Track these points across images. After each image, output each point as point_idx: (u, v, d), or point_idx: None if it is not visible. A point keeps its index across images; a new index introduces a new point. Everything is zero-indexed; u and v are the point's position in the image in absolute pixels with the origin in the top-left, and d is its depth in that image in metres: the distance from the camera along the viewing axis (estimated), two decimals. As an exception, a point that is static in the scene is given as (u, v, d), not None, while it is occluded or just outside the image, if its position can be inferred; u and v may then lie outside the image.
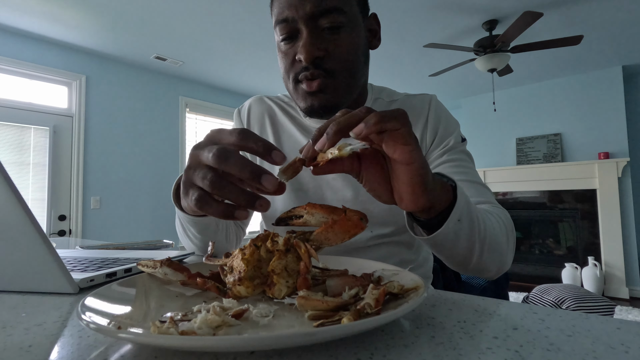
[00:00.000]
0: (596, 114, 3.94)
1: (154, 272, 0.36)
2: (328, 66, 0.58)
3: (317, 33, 0.58)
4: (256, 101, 0.78)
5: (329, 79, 0.59)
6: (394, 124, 0.33)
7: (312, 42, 0.57)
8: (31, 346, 0.26)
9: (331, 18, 0.57)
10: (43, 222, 2.97)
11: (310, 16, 0.57)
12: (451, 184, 0.44)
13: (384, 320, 0.23)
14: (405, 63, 3.57)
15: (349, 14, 0.59)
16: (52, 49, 3.04)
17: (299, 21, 0.57)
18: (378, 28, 0.68)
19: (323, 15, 0.57)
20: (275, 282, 0.32)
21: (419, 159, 0.35)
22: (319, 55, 0.57)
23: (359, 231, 0.34)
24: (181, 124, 3.95)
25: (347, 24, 0.59)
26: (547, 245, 4.31)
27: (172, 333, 0.23)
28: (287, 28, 0.59)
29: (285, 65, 0.62)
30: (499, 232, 0.51)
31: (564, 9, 2.60)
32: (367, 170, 0.39)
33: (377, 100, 0.72)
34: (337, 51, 0.58)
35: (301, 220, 0.38)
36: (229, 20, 2.69)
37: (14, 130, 2.85)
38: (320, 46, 0.57)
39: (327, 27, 0.57)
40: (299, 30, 0.58)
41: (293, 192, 0.69)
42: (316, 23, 0.57)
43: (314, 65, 0.58)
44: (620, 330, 0.26)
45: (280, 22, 0.59)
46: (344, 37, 0.59)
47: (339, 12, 0.57)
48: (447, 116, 0.70)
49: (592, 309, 2.28)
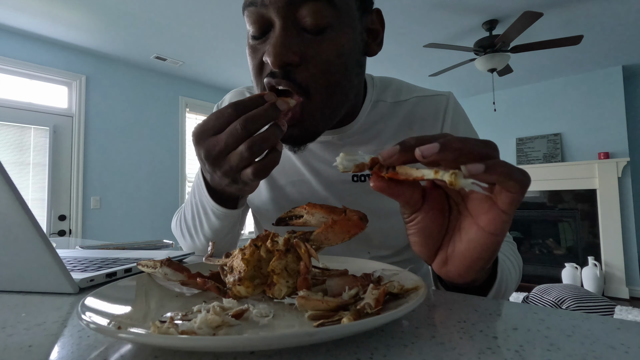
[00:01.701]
0: (596, 114, 3.94)
1: (154, 272, 0.36)
2: (302, 79, 0.44)
3: (295, 29, 0.43)
4: (236, 97, 0.68)
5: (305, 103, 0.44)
6: (516, 186, 0.26)
7: (285, 42, 0.42)
8: (31, 346, 0.26)
9: (315, 10, 0.42)
10: (43, 222, 2.97)
11: (287, 2, 0.42)
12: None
13: (384, 320, 0.23)
14: (405, 63, 3.57)
15: (341, 8, 0.44)
16: (52, 49, 3.04)
17: (270, 7, 0.43)
18: (381, 28, 0.53)
19: (304, 4, 0.42)
20: (275, 282, 0.32)
21: (505, 234, 0.30)
22: (291, 61, 0.42)
23: (358, 231, 0.34)
24: (181, 124, 3.95)
25: (336, 22, 0.44)
26: (547, 245, 4.31)
27: (172, 333, 0.23)
28: (255, 15, 0.44)
29: (253, 67, 0.47)
30: (515, 282, 0.47)
31: (564, 9, 2.60)
32: (427, 214, 0.32)
33: (378, 103, 0.59)
34: (317, 59, 0.44)
35: (301, 220, 0.38)
36: (229, 20, 2.69)
37: (14, 130, 2.85)
38: (295, 48, 0.43)
39: (309, 24, 0.43)
40: (271, 23, 0.44)
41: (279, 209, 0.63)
42: (294, 15, 0.43)
43: (283, 73, 0.43)
44: (620, 330, 0.26)
45: (247, 4, 0.45)
46: (329, 41, 0.44)
47: (327, 3, 0.43)
48: (465, 128, 0.59)
49: (592, 309, 2.27)
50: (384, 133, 0.59)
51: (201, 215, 0.57)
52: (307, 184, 0.62)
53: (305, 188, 0.62)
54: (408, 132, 0.59)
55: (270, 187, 0.64)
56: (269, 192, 0.64)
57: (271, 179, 0.64)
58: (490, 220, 0.29)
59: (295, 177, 0.62)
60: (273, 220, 0.64)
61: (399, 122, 0.59)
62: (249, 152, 0.37)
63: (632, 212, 3.72)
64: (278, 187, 0.64)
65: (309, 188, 0.61)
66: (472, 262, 0.31)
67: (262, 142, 0.37)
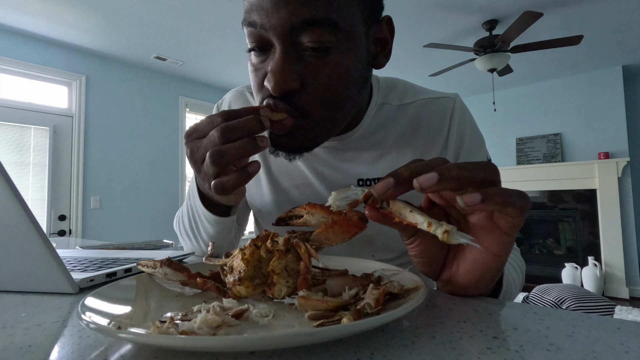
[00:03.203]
0: (596, 114, 3.94)
1: (154, 272, 0.36)
2: (301, 104, 0.42)
3: (296, 54, 0.41)
4: (236, 97, 0.66)
5: (300, 120, 0.43)
6: (516, 212, 0.27)
7: (285, 69, 0.41)
8: (31, 346, 0.26)
9: (316, 35, 0.40)
10: (43, 222, 2.97)
11: (288, 29, 0.40)
12: None
13: (384, 320, 0.23)
14: (405, 63, 3.57)
15: (344, 26, 0.41)
16: (52, 49, 3.04)
17: (270, 32, 0.41)
18: (390, 37, 0.49)
19: (306, 30, 0.40)
20: (275, 282, 0.32)
21: (508, 254, 0.30)
22: (291, 88, 0.41)
23: (358, 231, 0.34)
24: (181, 124, 3.95)
25: (339, 43, 0.42)
26: (547, 245, 4.31)
27: (172, 333, 0.23)
28: (255, 36, 0.43)
29: (255, 83, 0.46)
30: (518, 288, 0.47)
31: (564, 9, 2.60)
32: (427, 236, 0.32)
33: (383, 106, 0.58)
34: (318, 83, 0.42)
35: (301, 220, 0.38)
36: (229, 20, 2.69)
37: (14, 130, 2.85)
38: (295, 75, 0.41)
39: (310, 46, 0.41)
40: (271, 43, 0.42)
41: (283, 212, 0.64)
42: (296, 39, 0.41)
43: (283, 98, 0.42)
44: (620, 330, 0.26)
45: (248, 24, 0.43)
46: (332, 63, 0.42)
47: (330, 25, 0.40)
48: (471, 133, 0.58)
49: (592, 309, 2.27)
50: (389, 138, 0.57)
51: (196, 219, 0.57)
52: (312, 187, 0.61)
53: (309, 192, 0.61)
54: (413, 137, 0.57)
55: (274, 190, 0.63)
56: (272, 195, 0.63)
57: (275, 181, 0.63)
58: (492, 242, 0.29)
59: (299, 181, 0.61)
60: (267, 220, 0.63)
61: (404, 126, 0.58)
62: (210, 162, 0.36)
63: (632, 212, 3.72)
64: (282, 190, 0.63)
65: (313, 192, 0.61)
66: (477, 281, 0.32)
67: (221, 155, 0.36)
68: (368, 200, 0.30)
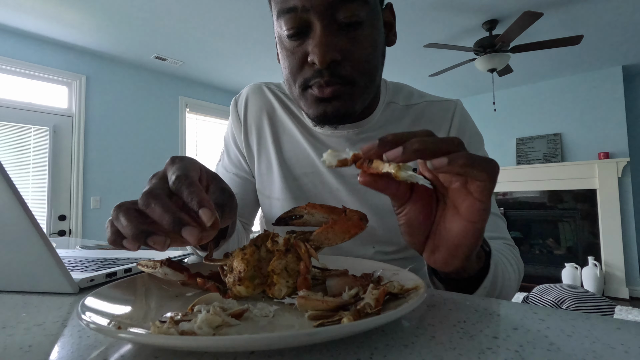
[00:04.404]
0: (596, 114, 3.94)
1: (154, 272, 0.36)
2: (345, 72, 0.49)
3: (334, 29, 0.47)
4: (254, 92, 0.69)
5: (346, 86, 0.50)
6: (482, 175, 0.28)
7: (329, 42, 0.46)
8: (31, 346, 0.26)
9: (352, 9, 0.46)
10: (43, 222, 2.97)
11: (327, 6, 0.46)
12: (485, 249, 0.40)
13: (384, 320, 0.23)
14: (405, 63, 3.57)
15: (371, 4, 0.49)
16: (52, 49, 3.04)
17: (311, 12, 0.46)
18: (394, 20, 0.58)
19: (342, 6, 0.46)
20: (275, 282, 0.32)
21: (484, 222, 0.31)
22: (336, 58, 0.47)
23: (358, 231, 0.34)
24: (181, 123, 3.95)
25: (368, 18, 0.48)
26: (547, 245, 4.31)
27: (172, 333, 0.23)
28: (295, 20, 0.47)
29: (292, 66, 0.51)
30: (514, 282, 0.48)
31: (564, 9, 2.60)
32: (414, 206, 0.34)
33: (390, 104, 0.63)
34: (356, 54, 0.49)
35: (301, 220, 0.38)
36: (229, 20, 2.69)
37: (14, 130, 2.85)
38: (337, 46, 0.47)
39: (345, 22, 0.47)
40: (309, 24, 0.47)
41: (293, 200, 0.64)
42: (333, 16, 0.46)
43: (329, 70, 0.48)
44: (620, 330, 0.26)
45: (286, 11, 0.48)
46: (364, 35, 0.49)
47: (361, 1, 0.47)
48: (471, 133, 0.62)
49: (592, 309, 2.28)
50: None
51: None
52: (321, 176, 0.63)
53: (318, 180, 0.63)
54: None
55: (284, 177, 0.65)
56: (283, 181, 0.65)
57: (287, 169, 0.65)
58: (467, 208, 0.31)
59: (309, 169, 0.64)
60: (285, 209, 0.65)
61: (409, 123, 0.63)
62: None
63: (632, 212, 3.72)
64: (292, 177, 0.65)
65: (322, 180, 0.63)
66: (455, 249, 0.33)
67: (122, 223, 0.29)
68: (357, 162, 0.31)
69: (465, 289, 0.40)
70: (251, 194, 0.70)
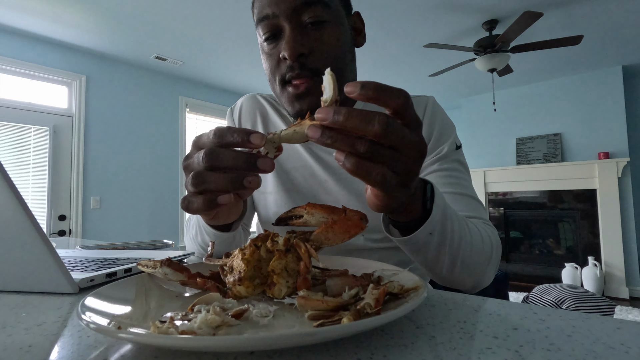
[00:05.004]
0: (596, 114, 3.94)
1: (154, 272, 0.36)
2: (313, 65, 0.56)
3: (301, 29, 0.56)
4: (248, 99, 0.78)
5: (316, 80, 0.56)
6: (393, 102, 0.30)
7: (296, 38, 0.54)
8: (31, 346, 0.26)
9: (314, 11, 0.55)
10: (43, 222, 2.97)
11: (293, 10, 0.55)
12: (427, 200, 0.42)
13: (384, 320, 0.23)
14: (405, 63, 3.57)
15: (332, 6, 0.57)
16: (52, 49, 3.04)
17: (280, 17, 0.55)
18: (362, 26, 0.66)
19: (306, 9, 0.55)
20: (275, 282, 0.32)
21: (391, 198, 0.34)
22: (302, 52, 0.55)
23: (359, 231, 0.34)
24: (181, 123, 3.95)
25: (330, 18, 0.57)
26: (547, 245, 4.31)
27: (172, 333, 0.23)
28: (269, 26, 0.57)
29: (270, 66, 0.59)
30: (478, 251, 0.49)
31: (564, 9, 2.60)
32: None
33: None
34: (321, 48, 0.56)
35: (301, 221, 0.38)
36: (229, 20, 2.69)
37: (14, 130, 2.85)
38: (304, 42, 0.55)
39: (310, 22, 0.55)
40: (281, 28, 0.56)
41: (285, 192, 0.69)
42: (299, 18, 0.55)
43: (299, 64, 0.55)
44: (620, 330, 0.26)
45: (261, 19, 0.57)
46: (328, 33, 0.57)
47: (323, 4, 0.56)
48: (442, 121, 0.67)
49: (592, 309, 2.28)
50: None
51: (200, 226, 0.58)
52: (310, 169, 0.69)
53: (307, 173, 0.69)
54: None
55: (276, 171, 0.70)
56: (276, 176, 0.70)
57: (278, 163, 0.70)
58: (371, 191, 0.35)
59: (298, 163, 0.69)
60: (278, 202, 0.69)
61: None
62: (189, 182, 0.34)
63: (632, 212, 3.72)
64: (284, 171, 0.70)
65: (312, 173, 0.68)
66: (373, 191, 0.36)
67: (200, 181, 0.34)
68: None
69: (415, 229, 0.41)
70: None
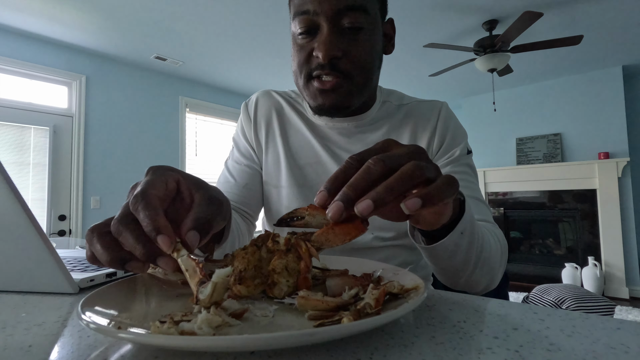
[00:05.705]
0: (596, 114, 3.94)
1: (154, 272, 0.36)
2: (344, 67, 0.57)
3: (338, 31, 0.56)
4: (263, 95, 0.77)
5: (344, 80, 0.58)
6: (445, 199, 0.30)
7: (332, 40, 0.55)
8: (31, 346, 0.26)
9: (354, 17, 0.56)
10: (43, 222, 2.96)
11: (335, 12, 0.55)
12: (460, 198, 0.43)
13: (384, 320, 0.23)
14: (405, 63, 3.56)
15: (371, 15, 0.58)
16: (52, 49, 3.04)
17: (321, 15, 0.56)
18: (393, 34, 0.67)
19: (347, 13, 0.55)
20: (276, 282, 0.32)
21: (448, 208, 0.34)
22: (336, 55, 0.56)
23: (359, 233, 0.34)
24: (181, 124, 3.95)
25: (368, 25, 0.58)
26: (547, 245, 4.31)
27: (172, 333, 0.23)
28: (306, 21, 0.57)
29: (300, 59, 0.60)
30: (495, 251, 0.51)
31: (564, 9, 2.60)
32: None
33: (385, 103, 0.72)
34: (355, 53, 0.57)
35: (302, 222, 0.38)
36: (228, 20, 2.69)
37: (14, 130, 2.85)
38: (339, 46, 0.56)
39: (348, 27, 0.56)
40: (319, 26, 0.57)
41: (297, 187, 0.69)
42: (339, 21, 0.56)
43: (330, 65, 0.57)
44: (620, 330, 0.26)
45: (300, 13, 0.57)
46: (363, 39, 0.58)
47: (363, 11, 0.56)
48: (455, 126, 0.69)
49: (592, 309, 2.28)
50: (389, 126, 0.70)
51: None
52: (324, 166, 0.69)
53: (321, 170, 0.69)
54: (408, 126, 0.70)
55: (290, 167, 0.70)
56: (289, 171, 0.70)
57: (292, 158, 0.71)
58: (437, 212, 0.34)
59: (313, 159, 0.70)
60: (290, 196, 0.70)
61: (402, 118, 0.71)
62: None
63: (632, 212, 3.71)
64: (298, 166, 0.71)
65: (325, 170, 0.69)
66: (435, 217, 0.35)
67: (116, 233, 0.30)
68: None
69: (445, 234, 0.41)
70: (259, 186, 0.74)
